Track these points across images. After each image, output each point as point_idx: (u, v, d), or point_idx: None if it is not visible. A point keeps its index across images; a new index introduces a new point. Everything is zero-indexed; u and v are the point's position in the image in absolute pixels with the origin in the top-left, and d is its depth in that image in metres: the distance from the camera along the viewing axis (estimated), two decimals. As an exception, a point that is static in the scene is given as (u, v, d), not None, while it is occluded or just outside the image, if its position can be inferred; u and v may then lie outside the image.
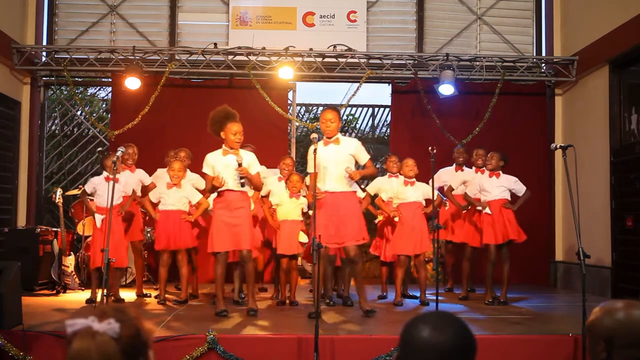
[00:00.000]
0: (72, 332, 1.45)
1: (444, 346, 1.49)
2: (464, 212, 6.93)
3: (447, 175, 7.34)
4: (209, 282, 7.80)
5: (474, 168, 7.12)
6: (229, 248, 5.50)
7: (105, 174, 6.41)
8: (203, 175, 5.82)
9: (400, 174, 6.61)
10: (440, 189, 7.23)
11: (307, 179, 6.14)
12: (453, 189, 6.89)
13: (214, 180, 5.35)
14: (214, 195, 6.25)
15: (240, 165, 5.36)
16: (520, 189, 6.53)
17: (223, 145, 5.57)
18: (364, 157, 5.53)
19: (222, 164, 5.47)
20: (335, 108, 5.71)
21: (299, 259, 6.77)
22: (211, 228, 5.56)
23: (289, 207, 6.27)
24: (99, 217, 6.24)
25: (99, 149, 8.18)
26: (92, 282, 6.36)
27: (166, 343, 4.38)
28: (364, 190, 5.85)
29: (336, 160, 5.42)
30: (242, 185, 5.42)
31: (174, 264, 6.50)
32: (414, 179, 6.43)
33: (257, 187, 5.68)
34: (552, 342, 4.61)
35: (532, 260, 8.45)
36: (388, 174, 6.95)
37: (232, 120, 5.52)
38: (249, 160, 5.56)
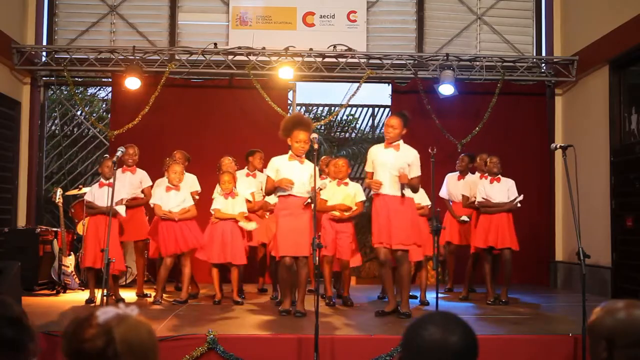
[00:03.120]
0: (105, 320, 1.43)
1: (456, 347, 1.50)
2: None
3: (452, 183, 7.36)
4: (209, 282, 7.79)
5: (477, 174, 7.13)
6: (293, 253, 5.49)
7: (100, 180, 6.42)
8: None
9: None
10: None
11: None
12: (468, 197, 7.03)
13: (282, 183, 5.41)
14: (216, 204, 6.29)
15: (321, 189, 5.47)
16: (513, 193, 6.52)
17: (290, 151, 5.62)
18: (416, 171, 5.55)
19: (287, 168, 5.53)
20: (400, 115, 5.73)
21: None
22: (276, 233, 5.59)
23: None
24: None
25: (105, 155, 8.13)
26: (89, 282, 6.36)
27: (166, 343, 4.38)
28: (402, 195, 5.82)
29: (394, 166, 5.45)
30: (307, 204, 5.50)
31: (174, 264, 6.49)
32: None
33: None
34: (552, 342, 4.61)
35: (532, 260, 8.44)
36: None
37: (300, 127, 5.57)
38: (312, 172, 5.47)
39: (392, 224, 5.41)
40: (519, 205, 6.48)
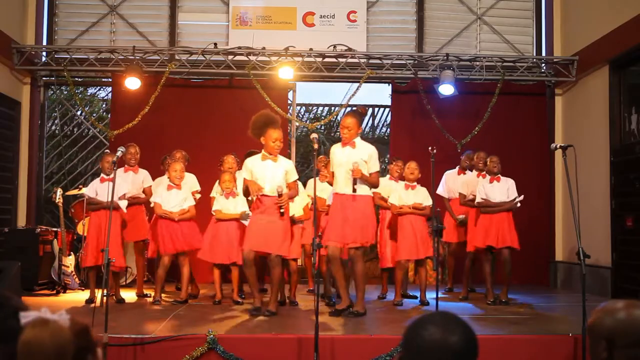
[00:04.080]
0: (25, 322, 1.45)
1: (457, 346, 1.50)
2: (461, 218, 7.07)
3: (451, 180, 7.36)
4: (209, 282, 7.80)
5: (474, 172, 7.15)
6: (257, 249, 5.50)
7: (102, 175, 6.43)
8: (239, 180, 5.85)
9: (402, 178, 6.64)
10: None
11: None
12: (465, 195, 7.04)
13: (251, 186, 5.42)
14: (217, 204, 6.31)
15: (280, 195, 5.40)
16: (513, 193, 6.51)
17: (262, 151, 5.62)
18: (373, 166, 5.49)
19: (260, 169, 5.53)
20: (355, 114, 5.67)
21: (298, 259, 6.78)
22: (246, 229, 5.61)
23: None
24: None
25: (106, 150, 8.12)
26: (90, 282, 6.36)
27: (166, 343, 4.38)
28: (354, 190, 5.76)
29: (348, 164, 5.40)
30: (282, 214, 5.45)
31: (173, 264, 6.49)
32: (415, 183, 6.42)
33: (293, 197, 5.73)
34: (552, 342, 4.61)
35: (532, 260, 8.43)
36: (389, 176, 6.95)
37: (273, 126, 5.58)
38: (287, 167, 5.60)
39: (346, 223, 5.36)
40: (518, 205, 6.48)
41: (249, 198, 5.68)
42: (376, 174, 5.53)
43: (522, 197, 6.47)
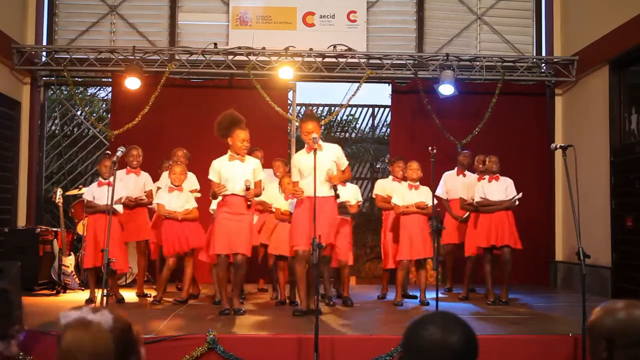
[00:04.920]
0: (66, 323, 1.44)
1: (456, 347, 1.50)
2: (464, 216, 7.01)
3: (450, 181, 7.35)
4: (209, 283, 7.79)
5: (475, 175, 7.13)
6: (228, 251, 5.52)
7: (99, 179, 6.43)
8: (203, 180, 5.83)
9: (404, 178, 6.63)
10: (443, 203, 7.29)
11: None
12: (466, 200, 6.97)
13: (218, 188, 5.44)
14: (215, 205, 6.30)
15: (248, 189, 5.44)
16: (511, 192, 6.51)
17: (229, 151, 5.59)
18: (344, 162, 5.64)
19: (228, 169, 5.52)
20: (313, 117, 5.73)
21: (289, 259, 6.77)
22: (214, 230, 5.60)
23: (283, 208, 6.28)
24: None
25: (107, 152, 8.11)
26: (90, 282, 6.36)
27: (166, 343, 4.38)
28: (337, 196, 5.80)
29: (318, 167, 5.29)
30: (249, 206, 5.54)
31: (177, 264, 6.49)
32: (418, 183, 6.41)
33: (258, 195, 5.73)
34: (552, 342, 4.61)
35: (532, 260, 8.43)
36: (392, 177, 6.93)
37: (240, 127, 5.56)
38: (254, 166, 5.62)
39: (318, 224, 5.22)
40: (517, 203, 6.48)
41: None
42: (347, 167, 5.71)
43: (520, 194, 6.46)
